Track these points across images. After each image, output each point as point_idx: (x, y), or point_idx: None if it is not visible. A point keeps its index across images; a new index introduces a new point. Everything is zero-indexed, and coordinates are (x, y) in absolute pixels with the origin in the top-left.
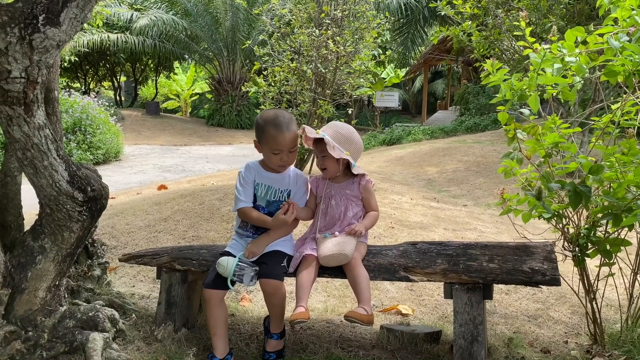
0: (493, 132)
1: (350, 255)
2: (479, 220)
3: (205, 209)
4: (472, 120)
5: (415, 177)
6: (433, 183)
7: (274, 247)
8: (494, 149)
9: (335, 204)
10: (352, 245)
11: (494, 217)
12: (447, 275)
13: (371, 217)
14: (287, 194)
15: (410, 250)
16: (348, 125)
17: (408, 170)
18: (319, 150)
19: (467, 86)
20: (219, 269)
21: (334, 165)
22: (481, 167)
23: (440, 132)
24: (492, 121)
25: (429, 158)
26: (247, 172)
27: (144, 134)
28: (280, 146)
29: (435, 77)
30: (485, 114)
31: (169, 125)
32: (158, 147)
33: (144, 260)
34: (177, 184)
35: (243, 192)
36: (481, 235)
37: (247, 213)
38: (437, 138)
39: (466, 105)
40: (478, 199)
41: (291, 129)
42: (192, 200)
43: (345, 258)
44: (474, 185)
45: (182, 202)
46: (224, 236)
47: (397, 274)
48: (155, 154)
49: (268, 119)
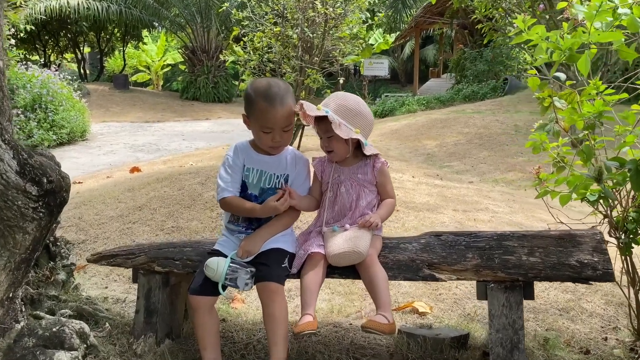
0: (493, 101)
1: (364, 252)
2: (489, 198)
3: (185, 195)
4: (469, 88)
5: (413, 151)
6: (433, 158)
7: (273, 244)
8: (495, 119)
9: (345, 192)
10: (366, 241)
11: (504, 194)
12: (480, 272)
13: (388, 205)
14: (284, 180)
15: (434, 243)
16: (353, 95)
17: (405, 144)
18: (323, 130)
19: (463, 51)
20: (207, 272)
21: (342, 146)
22: (484, 140)
23: (436, 102)
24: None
25: (427, 130)
26: (234, 155)
27: (113, 110)
28: (271, 123)
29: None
30: (484, 81)
31: (140, 100)
32: (128, 125)
33: (116, 260)
34: (152, 164)
35: (228, 179)
36: (494, 216)
37: (232, 203)
38: (433, 108)
39: (462, 72)
40: (484, 174)
41: (286, 103)
42: (170, 185)
43: (359, 257)
44: (478, 160)
45: (159, 188)
46: (208, 226)
47: (420, 273)
48: (125, 132)
49: (259, 90)
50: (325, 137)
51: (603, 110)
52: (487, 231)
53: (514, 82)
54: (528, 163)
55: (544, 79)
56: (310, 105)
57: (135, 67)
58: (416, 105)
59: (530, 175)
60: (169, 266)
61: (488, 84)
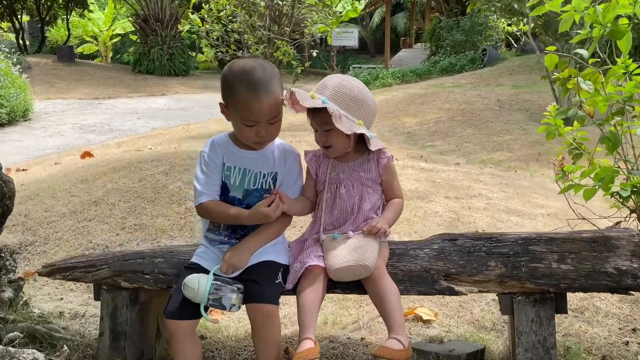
0: (472, 74)
1: (372, 265)
2: (481, 182)
3: (147, 186)
4: (447, 60)
5: (392, 130)
6: (414, 137)
7: (263, 257)
8: (477, 93)
9: (345, 193)
10: (373, 251)
11: (495, 177)
12: (505, 283)
13: (395, 207)
14: (272, 179)
15: (450, 249)
16: (352, 78)
17: (382, 122)
18: (319, 122)
19: (438, 20)
20: (186, 293)
21: (342, 141)
22: (467, 116)
23: (412, 75)
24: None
25: (405, 107)
26: (211, 152)
27: (58, 86)
28: (255, 116)
29: (396, 10)
30: (462, 52)
31: (87, 74)
32: (76, 102)
33: (74, 274)
34: (104, 148)
35: (205, 180)
36: (490, 203)
37: (212, 209)
38: (409, 82)
39: (438, 42)
40: (470, 154)
41: (272, 90)
42: (129, 175)
43: (366, 271)
44: (462, 138)
45: (116, 179)
46: (176, 223)
47: (436, 285)
48: (73, 110)
49: (239, 75)
50: (321, 130)
51: (633, 93)
52: (509, 233)
53: (493, 53)
54: (515, 142)
55: (564, 56)
56: (302, 94)
57: (81, 37)
58: (391, 78)
59: (519, 156)
60: (137, 281)
61: (466, 55)
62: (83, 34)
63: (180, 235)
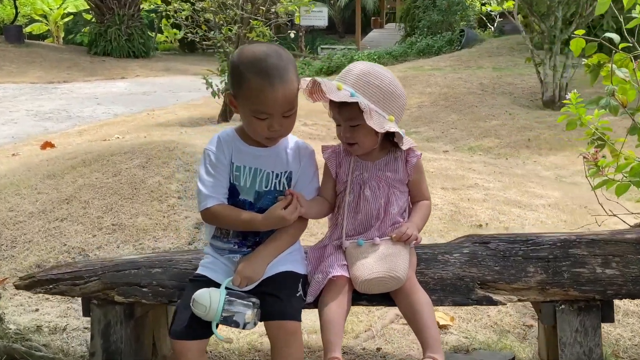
0: (451, 56)
1: (404, 277)
2: (474, 171)
3: (123, 182)
4: (423, 41)
5: None
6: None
7: (280, 267)
8: (458, 76)
9: (371, 194)
10: (404, 261)
11: (487, 165)
12: (547, 290)
13: (423, 209)
14: (286, 180)
15: (483, 253)
16: (380, 67)
17: None
18: (345, 117)
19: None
20: (196, 310)
21: (370, 138)
22: (450, 101)
23: (388, 57)
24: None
25: None
26: (218, 150)
27: (7, 70)
28: (268, 107)
29: None
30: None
31: (39, 55)
32: (29, 87)
33: (59, 288)
34: (65, 137)
35: (211, 182)
36: (488, 194)
37: (221, 214)
38: (386, 65)
39: (413, 22)
40: (457, 141)
41: (288, 79)
42: (102, 169)
43: (397, 282)
44: (447, 124)
45: (88, 173)
46: (159, 223)
47: (472, 295)
48: (26, 95)
49: (251, 61)
50: (346, 125)
51: None
52: (545, 235)
53: (471, 34)
54: (503, 127)
55: (591, 40)
56: (329, 85)
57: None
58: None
59: (507, 142)
60: (134, 295)
61: (443, 36)
62: (32, 12)
63: (164, 236)
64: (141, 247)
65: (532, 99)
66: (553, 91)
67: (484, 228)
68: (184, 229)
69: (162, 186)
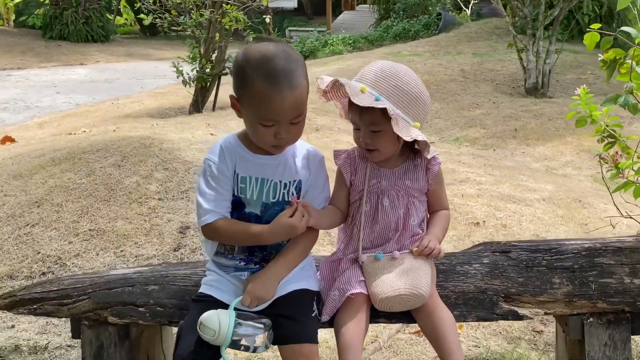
0: (429, 40)
1: (427, 294)
2: (464, 164)
3: (98, 183)
4: (400, 25)
5: None
6: None
7: (293, 284)
8: (438, 63)
9: (389, 205)
10: (427, 276)
11: (476, 157)
12: (574, 303)
13: (444, 220)
14: (295, 189)
15: (504, 263)
16: (403, 66)
17: None
18: (366, 121)
19: None
20: (204, 334)
21: (391, 145)
22: (431, 89)
23: (363, 42)
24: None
25: None
26: (220, 161)
27: None
28: (275, 114)
29: None
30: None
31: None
32: None
33: (44, 308)
34: (25, 130)
35: (213, 196)
36: (481, 189)
37: (224, 229)
38: (362, 49)
39: (387, 5)
40: (442, 131)
41: (297, 84)
42: (73, 168)
43: (420, 300)
44: (431, 114)
45: (58, 173)
46: (140, 227)
47: (497, 309)
48: None
49: (257, 62)
50: (367, 130)
51: None
52: (568, 242)
53: (448, 18)
54: (488, 117)
55: (606, 34)
56: (353, 87)
57: None
58: (341, 45)
59: (494, 132)
60: (130, 315)
61: (420, 20)
62: None
63: (147, 241)
64: (122, 254)
65: (515, 85)
66: (536, 78)
67: (481, 226)
68: (167, 234)
69: (141, 187)
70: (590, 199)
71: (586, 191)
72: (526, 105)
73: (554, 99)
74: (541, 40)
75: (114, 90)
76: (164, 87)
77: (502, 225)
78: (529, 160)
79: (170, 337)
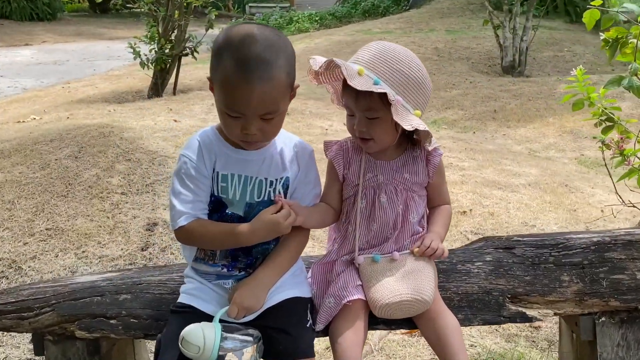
0: (400, 17)
1: (431, 299)
2: (445, 148)
3: (54, 177)
4: (368, 0)
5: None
6: None
7: (284, 292)
8: (411, 41)
9: (387, 201)
10: (430, 280)
11: (456, 141)
12: (585, 302)
13: (445, 216)
14: (282, 187)
15: (508, 260)
16: (402, 47)
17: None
18: (362, 106)
19: None
20: (187, 351)
21: (389, 133)
22: None
23: (331, 19)
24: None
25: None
26: (198, 158)
27: None
28: (239, 105)
29: None
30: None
31: None
32: None
33: (2, 323)
34: None
35: (187, 197)
36: (465, 175)
37: (199, 232)
38: (329, 27)
39: None
40: None
41: (270, 76)
42: (25, 160)
43: (424, 305)
44: None
45: (8, 166)
46: (103, 225)
47: (504, 311)
48: None
49: (233, 43)
50: (362, 116)
51: None
52: (574, 235)
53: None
54: (465, 98)
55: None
56: (349, 68)
57: None
58: (308, 22)
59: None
60: (100, 329)
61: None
62: None
63: (111, 240)
64: (84, 255)
65: (491, 64)
66: (513, 56)
67: (468, 215)
68: (133, 232)
69: (101, 180)
70: (576, 182)
71: (571, 174)
72: (504, 84)
73: (531, 77)
74: (517, 17)
75: (64, 73)
76: (118, 69)
77: (489, 214)
78: (510, 143)
79: (144, 350)
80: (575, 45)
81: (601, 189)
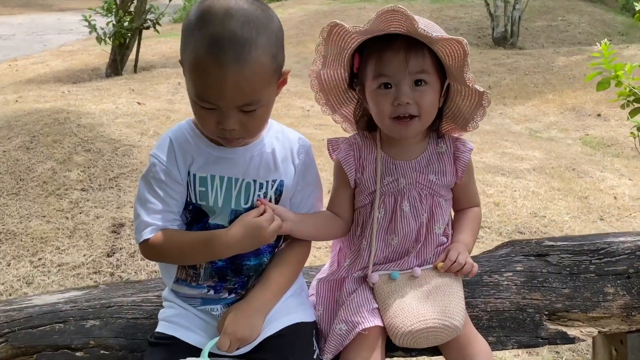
0: None
1: (462, 324)
2: None
3: (2, 171)
4: None
5: (301, 61)
6: None
7: (285, 317)
8: None
9: (410, 210)
10: (459, 301)
11: None
12: (632, 317)
13: (473, 221)
14: (275, 192)
15: (543, 270)
16: None
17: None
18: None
19: None
20: None
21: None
22: None
23: None
24: None
25: (310, 29)
26: (168, 159)
27: None
28: (213, 95)
29: None
30: None
31: None
32: None
33: None
34: None
35: (154, 205)
36: None
37: (165, 245)
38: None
39: None
40: None
41: (248, 60)
42: None
43: (453, 332)
44: None
45: None
46: (61, 227)
47: (541, 331)
48: None
49: (204, 21)
50: (410, 82)
51: None
52: (616, 238)
53: None
54: None
55: None
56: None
57: None
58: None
59: None
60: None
61: None
62: None
63: (72, 245)
64: (41, 263)
65: (481, 35)
66: (505, 26)
67: None
68: (97, 235)
69: (58, 175)
70: (584, 166)
71: (577, 157)
72: (497, 57)
73: (525, 49)
74: None
75: (9, 48)
76: (71, 44)
77: (494, 204)
78: (509, 122)
79: None
80: (569, 14)
81: (611, 172)
